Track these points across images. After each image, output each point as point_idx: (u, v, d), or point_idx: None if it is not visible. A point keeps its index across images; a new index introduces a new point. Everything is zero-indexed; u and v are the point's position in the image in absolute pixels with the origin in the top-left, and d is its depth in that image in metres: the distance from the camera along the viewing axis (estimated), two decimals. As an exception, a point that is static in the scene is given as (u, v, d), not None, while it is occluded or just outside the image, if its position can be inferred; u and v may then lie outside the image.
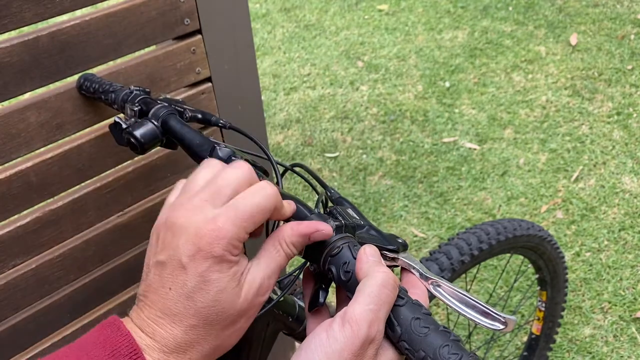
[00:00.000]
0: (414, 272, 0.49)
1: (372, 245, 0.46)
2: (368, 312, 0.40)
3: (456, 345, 0.39)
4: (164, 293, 0.43)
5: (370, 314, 0.40)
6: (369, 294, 0.41)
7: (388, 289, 0.41)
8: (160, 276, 0.43)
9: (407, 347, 0.40)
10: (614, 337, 1.68)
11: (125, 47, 0.88)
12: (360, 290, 0.41)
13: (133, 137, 0.68)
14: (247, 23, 1.02)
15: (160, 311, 0.42)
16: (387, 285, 0.41)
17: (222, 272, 0.42)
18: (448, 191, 2.18)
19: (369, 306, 0.40)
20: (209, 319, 0.42)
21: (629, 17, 3.02)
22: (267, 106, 2.71)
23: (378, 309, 0.40)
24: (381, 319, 0.40)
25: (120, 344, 0.40)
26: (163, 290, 0.43)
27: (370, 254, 0.44)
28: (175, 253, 0.42)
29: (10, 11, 0.74)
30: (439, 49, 2.98)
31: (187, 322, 0.42)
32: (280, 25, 3.33)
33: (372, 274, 0.42)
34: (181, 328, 0.42)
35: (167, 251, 0.43)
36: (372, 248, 0.45)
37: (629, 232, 1.95)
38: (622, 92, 2.56)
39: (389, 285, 0.41)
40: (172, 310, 0.42)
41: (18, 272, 0.86)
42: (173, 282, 0.43)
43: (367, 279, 0.42)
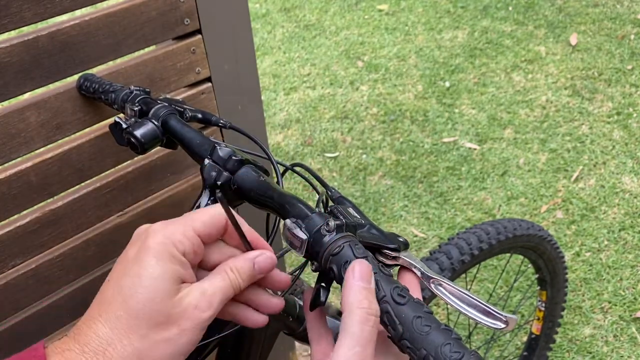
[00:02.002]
0: (415, 271, 0.49)
1: (364, 261, 0.43)
2: (355, 356, 0.39)
3: (458, 344, 0.38)
4: (104, 287, 0.42)
5: (357, 357, 0.39)
6: (352, 335, 0.39)
7: (370, 325, 0.40)
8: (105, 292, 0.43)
9: (408, 346, 0.40)
10: (614, 337, 1.68)
11: (125, 47, 0.88)
12: (343, 330, 0.40)
13: (133, 137, 0.68)
14: (247, 23, 1.02)
15: (95, 306, 0.41)
16: (368, 321, 0.40)
17: (159, 262, 0.41)
18: (448, 191, 2.18)
19: (354, 349, 0.39)
20: (134, 310, 0.40)
21: (629, 17, 3.02)
22: (267, 106, 2.71)
23: (363, 350, 0.39)
24: (369, 356, 0.40)
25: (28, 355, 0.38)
26: (104, 286, 0.42)
27: (359, 276, 0.42)
28: (124, 253, 0.43)
29: (10, 11, 0.74)
30: (439, 49, 2.98)
31: (113, 311, 0.40)
32: (280, 25, 3.33)
33: (351, 310, 0.40)
34: (107, 320, 0.40)
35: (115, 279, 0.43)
36: (362, 266, 0.42)
37: (629, 232, 1.95)
38: (622, 92, 2.56)
39: (370, 321, 0.40)
40: (104, 299, 0.41)
41: (18, 272, 0.86)
42: (112, 273, 0.43)
43: (347, 315, 0.40)
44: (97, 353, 0.39)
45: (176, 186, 1.04)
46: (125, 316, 0.40)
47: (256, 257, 0.46)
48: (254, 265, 0.46)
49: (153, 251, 0.42)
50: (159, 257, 0.41)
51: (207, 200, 0.63)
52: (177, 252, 0.42)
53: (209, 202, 0.63)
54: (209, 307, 0.43)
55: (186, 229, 0.43)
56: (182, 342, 0.42)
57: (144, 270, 0.41)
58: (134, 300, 0.40)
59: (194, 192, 1.05)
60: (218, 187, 0.61)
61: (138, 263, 0.41)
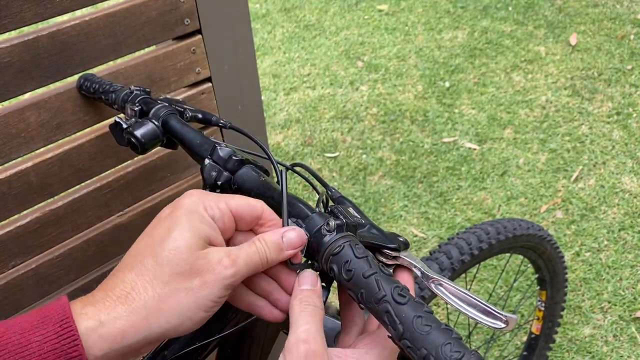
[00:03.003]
0: (415, 270, 0.49)
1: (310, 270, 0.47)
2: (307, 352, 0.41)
3: (458, 343, 0.39)
4: (137, 241, 0.45)
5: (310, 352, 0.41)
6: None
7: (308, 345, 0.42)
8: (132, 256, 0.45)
9: (409, 345, 0.40)
10: (613, 337, 1.68)
11: (125, 47, 0.88)
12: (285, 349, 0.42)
13: (134, 137, 0.68)
14: (247, 23, 1.02)
15: (126, 258, 0.44)
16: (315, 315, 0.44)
17: (189, 218, 0.44)
18: (448, 191, 2.18)
19: None
20: (160, 257, 0.42)
21: (628, 17, 3.02)
22: (267, 106, 2.71)
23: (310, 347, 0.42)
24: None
25: (53, 311, 0.39)
26: (138, 240, 0.46)
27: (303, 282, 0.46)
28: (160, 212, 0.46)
29: (10, 11, 0.74)
30: (439, 49, 2.98)
31: (141, 259, 0.43)
32: (280, 25, 3.33)
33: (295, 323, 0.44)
34: (134, 267, 0.43)
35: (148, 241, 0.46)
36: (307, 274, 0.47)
37: (629, 232, 1.95)
38: (621, 92, 2.56)
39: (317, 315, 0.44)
40: (136, 250, 0.44)
41: (18, 272, 0.86)
42: (147, 228, 0.46)
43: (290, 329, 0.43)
44: (119, 297, 0.41)
45: (176, 186, 1.04)
46: (152, 262, 0.42)
47: (286, 231, 0.47)
48: (282, 238, 0.47)
49: (184, 209, 0.45)
50: (188, 214, 0.44)
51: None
52: (207, 215, 0.45)
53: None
54: (232, 265, 0.44)
55: (220, 201, 0.46)
56: (202, 295, 0.43)
57: (174, 224, 0.44)
58: (162, 248, 0.43)
59: (194, 192, 1.05)
60: (218, 187, 0.61)
61: (169, 218, 0.45)
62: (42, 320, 0.39)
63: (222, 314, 0.68)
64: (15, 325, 0.38)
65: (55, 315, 0.39)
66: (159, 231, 0.44)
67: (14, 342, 0.37)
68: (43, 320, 0.39)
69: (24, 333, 0.37)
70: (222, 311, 0.68)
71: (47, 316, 0.39)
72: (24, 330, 0.38)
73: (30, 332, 0.38)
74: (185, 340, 0.66)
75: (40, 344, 0.37)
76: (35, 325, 0.38)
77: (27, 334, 0.37)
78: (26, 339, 0.37)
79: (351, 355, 0.45)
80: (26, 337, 0.37)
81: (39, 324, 0.38)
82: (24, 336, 0.37)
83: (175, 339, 0.66)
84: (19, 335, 0.37)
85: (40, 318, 0.39)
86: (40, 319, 0.39)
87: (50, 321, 0.38)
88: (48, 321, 0.38)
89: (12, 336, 0.37)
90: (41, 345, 0.37)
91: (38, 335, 0.38)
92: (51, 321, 0.38)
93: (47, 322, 0.38)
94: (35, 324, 0.38)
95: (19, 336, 0.37)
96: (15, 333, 0.37)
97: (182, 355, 0.66)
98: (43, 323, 0.38)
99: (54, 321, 0.38)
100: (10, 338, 0.37)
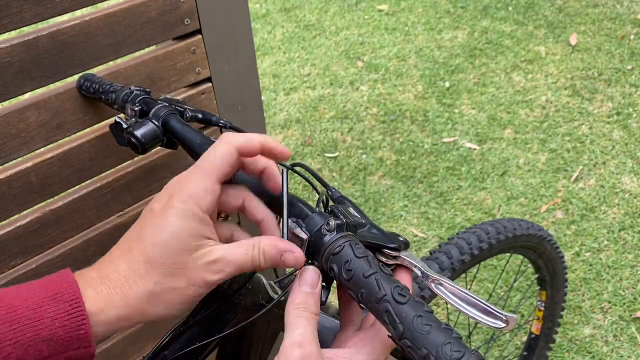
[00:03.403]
0: (415, 270, 0.49)
1: (313, 267, 0.47)
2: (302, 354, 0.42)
3: (458, 343, 0.39)
4: (129, 232, 0.47)
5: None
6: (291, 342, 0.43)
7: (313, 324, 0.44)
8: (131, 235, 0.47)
9: (409, 345, 0.40)
10: (613, 337, 1.68)
11: (125, 47, 0.88)
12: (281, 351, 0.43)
13: (134, 137, 0.68)
14: (247, 23, 1.02)
15: (119, 247, 0.47)
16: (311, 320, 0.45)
17: (180, 220, 0.45)
18: (448, 191, 2.18)
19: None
20: (152, 258, 0.45)
21: (629, 17, 3.02)
22: (267, 106, 2.71)
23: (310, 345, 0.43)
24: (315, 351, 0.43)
25: (63, 289, 0.43)
26: (129, 231, 0.47)
27: (304, 282, 0.46)
28: (151, 203, 0.47)
29: (10, 11, 0.74)
30: (439, 49, 2.98)
31: (134, 255, 0.45)
32: (280, 25, 3.33)
33: (290, 327, 0.44)
34: (126, 261, 0.45)
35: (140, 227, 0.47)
36: (310, 273, 0.47)
37: (629, 232, 1.95)
38: (622, 92, 2.56)
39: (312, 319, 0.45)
40: (127, 242, 0.46)
41: (18, 272, 0.86)
42: (139, 220, 0.47)
43: (286, 333, 0.44)
44: (115, 286, 0.45)
45: (176, 186, 1.03)
46: (144, 262, 0.45)
47: (285, 252, 0.48)
48: (280, 257, 0.48)
49: (175, 210, 0.45)
50: (180, 215, 0.45)
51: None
52: (199, 210, 0.46)
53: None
54: (219, 272, 0.46)
55: (207, 182, 0.46)
56: (189, 294, 0.46)
57: (165, 224, 0.45)
58: (153, 250, 0.45)
59: (194, 192, 1.05)
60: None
61: (160, 216, 0.45)
62: (53, 297, 0.42)
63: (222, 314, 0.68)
64: (28, 299, 0.42)
65: (66, 294, 0.42)
66: (150, 230, 0.45)
67: (27, 316, 0.41)
68: (54, 297, 0.42)
69: (37, 309, 0.41)
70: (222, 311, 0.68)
71: (58, 293, 0.42)
72: (37, 306, 0.41)
73: (42, 308, 0.41)
74: (185, 340, 0.66)
75: (52, 320, 0.41)
76: (47, 302, 0.42)
77: (39, 309, 0.41)
78: (39, 314, 0.41)
79: (342, 355, 0.46)
80: (39, 312, 0.41)
81: (50, 300, 0.42)
82: (37, 312, 0.41)
83: (176, 338, 0.67)
84: (32, 311, 0.41)
85: (52, 295, 0.42)
86: (51, 296, 0.42)
87: (62, 299, 0.42)
88: (59, 299, 0.42)
89: (25, 311, 0.41)
90: (52, 321, 0.41)
91: (50, 312, 0.41)
92: (62, 299, 0.42)
93: (58, 300, 0.42)
94: (46, 300, 0.42)
95: (32, 312, 0.41)
96: (29, 308, 0.41)
97: (182, 355, 0.66)
98: (54, 300, 0.42)
99: (65, 299, 0.42)
100: (24, 313, 0.41)
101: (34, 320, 0.41)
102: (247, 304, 0.69)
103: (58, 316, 0.41)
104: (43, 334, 0.41)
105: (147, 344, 1.11)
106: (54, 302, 0.42)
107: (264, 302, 0.69)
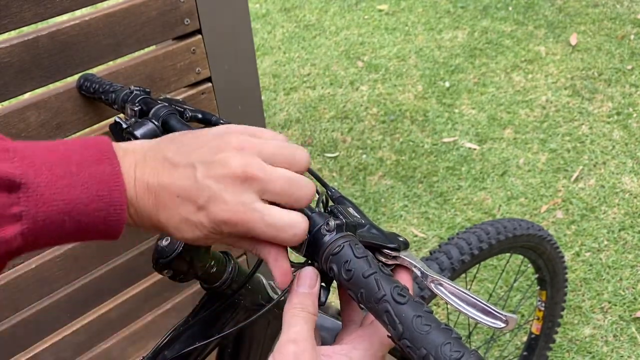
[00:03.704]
0: (415, 270, 0.49)
1: (312, 268, 0.47)
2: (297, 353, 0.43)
3: (458, 343, 0.38)
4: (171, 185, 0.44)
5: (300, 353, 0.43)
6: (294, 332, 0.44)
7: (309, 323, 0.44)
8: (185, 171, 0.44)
9: (408, 345, 0.40)
10: (614, 337, 1.68)
11: (125, 47, 0.88)
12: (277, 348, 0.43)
13: (133, 137, 0.68)
14: (247, 23, 1.02)
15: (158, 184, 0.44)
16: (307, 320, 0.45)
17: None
18: (448, 191, 2.18)
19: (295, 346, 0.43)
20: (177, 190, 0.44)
21: (629, 17, 3.02)
22: (267, 106, 2.71)
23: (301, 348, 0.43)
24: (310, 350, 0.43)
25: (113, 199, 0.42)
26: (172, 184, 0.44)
27: (301, 282, 0.47)
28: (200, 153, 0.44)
29: (10, 11, 0.74)
30: (439, 49, 2.98)
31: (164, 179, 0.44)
32: (280, 25, 3.33)
33: (286, 326, 0.44)
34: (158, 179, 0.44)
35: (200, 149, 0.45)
36: (308, 273, 0.47)
37: (629, 232, 1.95)
38: (622, 92, 2.56)
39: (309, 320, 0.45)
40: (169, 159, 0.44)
41: (18, 272, 0.86)
42: None
43: (282, 332, 0.44)
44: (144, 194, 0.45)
45: (176, 186, 1.03)
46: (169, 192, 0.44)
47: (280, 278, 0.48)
48: None
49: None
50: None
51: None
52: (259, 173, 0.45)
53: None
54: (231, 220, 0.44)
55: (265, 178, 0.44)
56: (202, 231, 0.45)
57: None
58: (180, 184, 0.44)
59: (194, 192, 1.05)
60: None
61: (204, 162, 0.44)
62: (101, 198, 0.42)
63: (222, 313, 0.68)
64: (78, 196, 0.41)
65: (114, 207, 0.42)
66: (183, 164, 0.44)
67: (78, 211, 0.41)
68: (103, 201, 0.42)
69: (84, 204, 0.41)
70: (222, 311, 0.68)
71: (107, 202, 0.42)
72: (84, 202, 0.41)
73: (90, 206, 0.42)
74: (185, 340, 0.66)
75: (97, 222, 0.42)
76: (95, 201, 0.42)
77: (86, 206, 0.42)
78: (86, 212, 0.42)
79: (339, 351, 0.46)
80: (86, 210, 0.42)
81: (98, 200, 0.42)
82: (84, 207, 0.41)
83: (176, 338, 0.67)
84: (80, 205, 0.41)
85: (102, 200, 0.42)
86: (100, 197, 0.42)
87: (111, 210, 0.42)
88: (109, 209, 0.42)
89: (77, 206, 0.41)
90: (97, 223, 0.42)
91: (96, 213, 0.42)
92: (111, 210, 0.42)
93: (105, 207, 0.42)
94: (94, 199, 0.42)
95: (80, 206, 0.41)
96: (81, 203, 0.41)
97: (182, 355, 0.66)
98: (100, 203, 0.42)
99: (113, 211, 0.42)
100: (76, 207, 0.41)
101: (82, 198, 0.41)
102: (247, 304, 0.69)
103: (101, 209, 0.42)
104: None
105: (147, 344, 1.11)
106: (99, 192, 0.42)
107: (263, 302, 0.69)
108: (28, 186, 0.39)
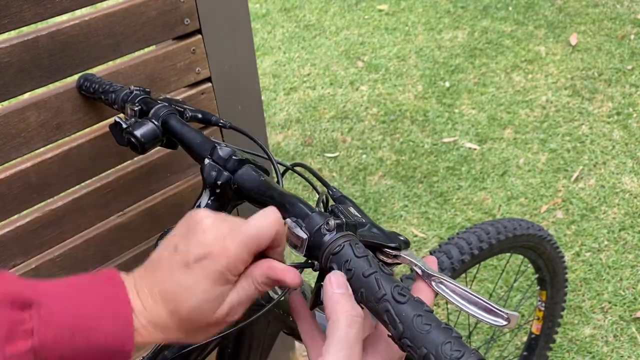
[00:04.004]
0: (416, 269, 0.49)
1: (338, 272, 0.46)
2: (343, 359, 0.41)
3: (458, 342, 0.38)
4: (167, 277, 0.47)
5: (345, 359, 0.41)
6: (339, 339, 0.42)
7: (355, 329, 0.42)
8: (170, 260, 0.48)
9: (409, 344, 0.40)
10: (614, 337, 1.68)
11: (125, 47, 0.88)
12: (329, 336, 0.42)
13: (133, 137, 0.69)
14: (247, 23, 1.02)
15: (159, 290, 0.47)
16: (353, 324, 0.42)
17: (214, 287, 0.46)
18: (448, 191, 2.18)
19: (341, 352, 0.41)
20: (186, 318, 0.47)
21: (629, 17, 3.02)
22: (267, 106, 2.71)
23: (350, 353, 0.41)
24: (356, 357, 0.42)
25: (118, 310, 0.46)
26: (168, 275, 0.47)
27: (336, 284, 0.45)
28: (188, 249, 0.47)
29: (10, 11, 0.74)
30: (439, 49, 2.98)
31: (170, 310, 0.47)
32: (280, 25, 3.33)
33: (336, 316, 0.43)
34: (166, 312, 0.47)
35: (185, 242, 0.47)
36: (337, 276, 0.45)
37: (629, 232, 1.95)
38: (622, 92, 2.56)
39: (355, 324, 0.42)
40: (166, 296, 0.47)
41: (18, 272, 0.86)
42: (176, 273, 0.47)
43: (332, 322, 0.43)
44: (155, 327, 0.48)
45: (176, 186, 1.04)
46: (178, 319, 0.47)
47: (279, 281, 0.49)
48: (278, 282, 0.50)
49: (212, 277, 0.46)
50: (216, 282, 0.47)
51: (207, 200, 0.63)
52: (232, 277, 0.47)
53: (209, 202, 0.63)
54: (237, 313, 0.49)
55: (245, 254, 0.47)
56: (214, 332, 0.50)
57: (199, 288, 0.46)
58: (187, 313, 0.47)
59: (194, 192, 1.05)
60: (218, 186, 0.61)
61: (195, 277, 0.46)
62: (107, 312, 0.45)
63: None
64: (87, 312, 0.45)
65: (120, 318, 0.45)
66: (186, 281, 0.46)
67: (86, 326, 0.44)
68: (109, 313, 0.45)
69: (92, 319, 0.45)
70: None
71: (113, 313, 0.45)
72: (92, 317, 0.45)
73: (98, 320, 0.45)
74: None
75: (105, 335, 0.45)
76: (103, 316, 0.45)
77: (94, 321, 0.45)
78: (94, 327, 0.44)
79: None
80: (94, 324, 0.45)
81: (105, 314, 0.45)
82: (92, 322, 0.45)
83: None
84: (88, 320, 0.45)
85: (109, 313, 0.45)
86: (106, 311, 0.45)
87: (118, 320, 0.45)
88: (116, 320, 0.45)
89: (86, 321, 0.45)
90: (106, 336, 0.45)
91: (104, 326, 0.45)
92: (118, 320, 0.45)
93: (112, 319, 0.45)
94: (101, 314, 0.45)
95: (88, 321, 0.45)
96: (89, 318, 0.45)
97: (182, 355, 0.66)
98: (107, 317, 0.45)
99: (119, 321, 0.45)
100: (84, 322, 0.44)
101: (90, 329, 0.44)
102: (247, 303, 0.69)
103: (110, 333, 0.45)
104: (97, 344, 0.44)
105: (147, 344, 1.11)
106: (106, 319, 0.45)
107: (264, 302, 0.69)
108: (40, 303, 0.44)
